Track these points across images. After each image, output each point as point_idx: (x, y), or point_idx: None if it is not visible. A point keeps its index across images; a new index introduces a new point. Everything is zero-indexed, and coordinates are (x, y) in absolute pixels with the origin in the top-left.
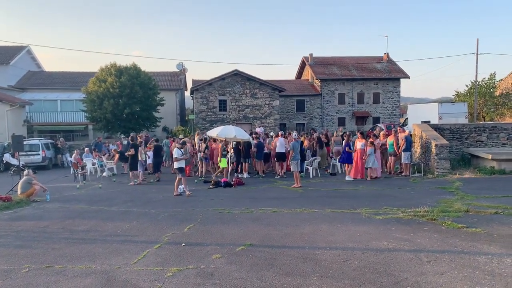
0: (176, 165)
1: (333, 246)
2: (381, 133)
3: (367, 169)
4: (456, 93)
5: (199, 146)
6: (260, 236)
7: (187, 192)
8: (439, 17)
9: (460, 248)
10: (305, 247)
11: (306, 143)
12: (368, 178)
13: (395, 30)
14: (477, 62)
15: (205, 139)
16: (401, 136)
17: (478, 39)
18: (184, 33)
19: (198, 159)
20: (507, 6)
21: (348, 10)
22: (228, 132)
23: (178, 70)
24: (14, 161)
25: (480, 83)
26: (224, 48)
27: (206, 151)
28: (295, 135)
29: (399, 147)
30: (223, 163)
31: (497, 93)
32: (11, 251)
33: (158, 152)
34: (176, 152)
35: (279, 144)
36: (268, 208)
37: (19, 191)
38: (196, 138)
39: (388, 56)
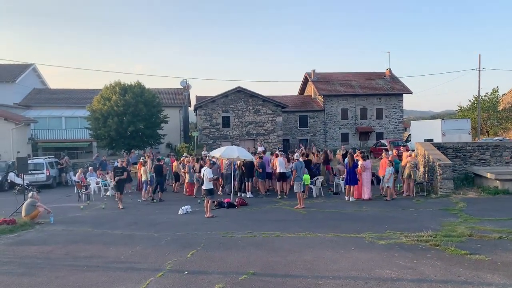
0: (206, 186)
1: (336, 274)
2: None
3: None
4: (459, 108)
5: (193, 167)
6: (263, 264)
7: (209, 214)
8: (442, 33)
9: (463, 277)
10: (308, 276)
11: (314, 159)
12: (388, 198)
13: (397, 46)
14: (479, 78)
15: (198, 159)
16: (405, 157)
17: (480, 54)
18: (188, 50)
19: (194, 179)
20: (509, 21)
21: (350, 26)
22: (231, 153)
23: (182, 87)
24: (18, 180)
25: (483, 97)
26: (227, 65)
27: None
28: (297, 155)
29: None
30: (307, 180)
31: (501, 108)
32: (15, 279)
33: (159, 171)
34: (209, 173)
35: (278, 164)
36: (271, 232)
37: (23, 214)
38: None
39: (390, 71)
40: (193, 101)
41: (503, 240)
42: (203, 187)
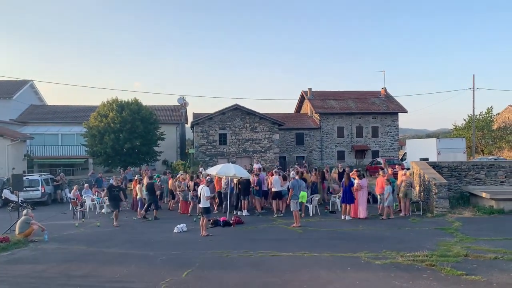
0: (203, 204)
1: None
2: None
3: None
4: (454, 127)
5: (187, 185)
6: (259, 284)
7: (204, 233)
8: (436, 53)
9: None
10: None
11: (313, 178)
12: (384, 217)
13: (392, 65)
14: (473, 97)
15: (192, 177)
16: (400, 175)
17: (474, 75)
18: (186, 68)
19: (189, 197)
20: (502, 43)
21: (346, 46)
22: (227, 170)
23: (179, 104)
24: (13, 197)
25: (478, 117)
26: (225, 83)
27: (196, 188)
28: (293, 174)
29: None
30: (304, 198)
31: (495, 127)
32: None
33: (151, 190)
34: (206, 191)
35: (274, 183)
36: (267, 251)
37: (17, 231)
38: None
39: (385, 90)
40: (190, 118)
41: (499, 260)
42: (200, 205)
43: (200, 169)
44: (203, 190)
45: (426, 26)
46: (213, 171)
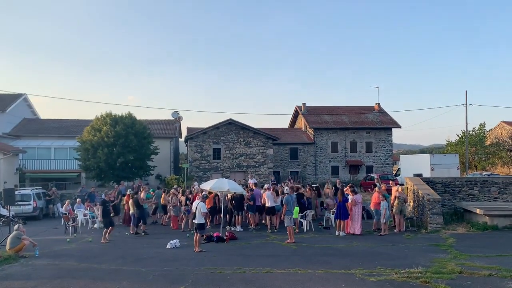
0: (198, 220)
1: None
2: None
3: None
4: (448, 142)
5: (179, 200)
6: None
7: (198, 249)
8: (430, 69)
9: None
10: None
11: (307, 194)
12: (382, 233)
13: (386, 80)
14: (466, 113)
15: (183, 191)
16: (394, 190)
17: (466, 91)
18: (180, 81)
19: (182, 212)
20: (493, 61)
21: (340, 61)
22: (221, 186)
23: (174, 118)
24: (4, 212)
25: (471, 132)
26: (219, 97)
27: (188, 203)
28: (286, 189)
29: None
30: (296, 212)
31: (488, 143)
32: None
33: (137, 203)
34: (203, 207)
35: (267, 198)
36: (261, 267)
37: (7, 247)
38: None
39: (379, 106)
40: (184, 133)
41: (493, 277)
42: (195, 221)
43: (194, 183)
44: (199, 206)
45: (420, 44)
46: (207, 186)
